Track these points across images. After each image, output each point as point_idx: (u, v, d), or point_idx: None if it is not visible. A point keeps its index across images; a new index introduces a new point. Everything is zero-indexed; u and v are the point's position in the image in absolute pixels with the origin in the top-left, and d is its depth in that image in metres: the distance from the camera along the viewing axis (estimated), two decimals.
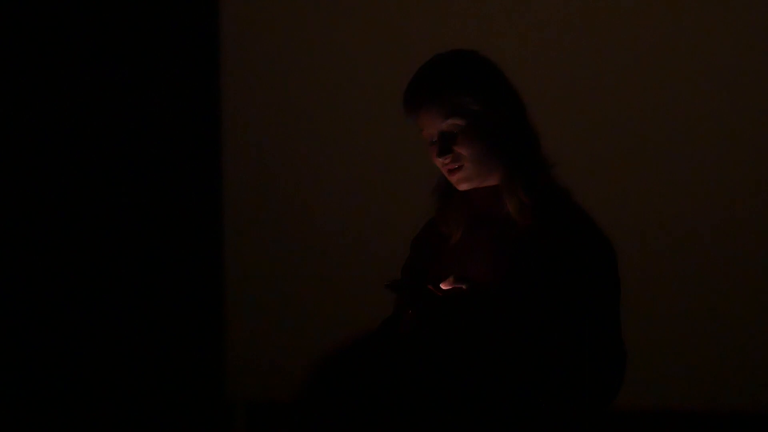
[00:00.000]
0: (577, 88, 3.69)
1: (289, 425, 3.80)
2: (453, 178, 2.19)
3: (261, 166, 3.93)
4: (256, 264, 3.93)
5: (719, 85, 3.62)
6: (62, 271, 3.87)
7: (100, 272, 3.89)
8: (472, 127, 2.15)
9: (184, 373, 3.92)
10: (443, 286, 2.11)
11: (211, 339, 3.93)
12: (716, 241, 3.62)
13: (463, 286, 2.10)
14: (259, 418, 3.95)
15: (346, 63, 3.87)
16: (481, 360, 2.09)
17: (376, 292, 2.27)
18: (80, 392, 3.86)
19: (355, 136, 3.86)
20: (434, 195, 2.28)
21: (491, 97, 2.16)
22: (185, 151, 3.93)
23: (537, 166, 2.18)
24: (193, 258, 3.93)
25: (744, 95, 3.61)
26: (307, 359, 3.72)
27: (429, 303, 2.10)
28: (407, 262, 2.34)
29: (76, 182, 3.88)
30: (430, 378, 2.13)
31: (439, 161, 2.18)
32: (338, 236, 3.85)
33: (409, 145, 2.59)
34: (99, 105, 3.88)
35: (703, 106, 3.63)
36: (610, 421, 2.17)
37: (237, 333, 3.94)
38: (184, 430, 3.90)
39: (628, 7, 3.66)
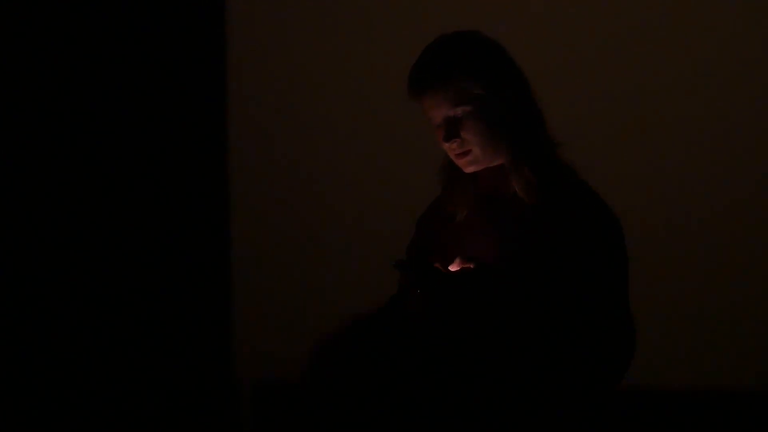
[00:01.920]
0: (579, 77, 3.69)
1: (296, 405, 3.81)
2: (460, 162, 2.19)
3: (266, 151, 3.93)
4: (262, 245, 3.94)
5: (730, 70, 3.62)
6: (76, 256, 3.89)
7: (110, 257, 3.90)
8: (477, 111, 2.14)
9: (192, 353, 3.93)
10: (451, 267, 2.10)
11: (219, 319, 3.94)
12: (721, 227, 3.62)
13: (471, 266, 2.10)
14: (266, 398, 3.95)
15: (347, 52, 3.87)
16: (490, 338, 2.09)
17: (381, 272, 2.27)
18: (88, 373, 3.87)
19: (358, 117, 3.86)
20: (440, 175, 2.28)
21: (496, 79, 2.16)
22: (193, 137, 3.94)
23: (543, 145, 2.18)
24: (201, 239, 3.93)
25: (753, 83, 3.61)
26: (314, 339, 3.72)
27: (436, 282, 2.09)
28: (412, 242, 2.33)
29: (90, 177, 3.90)
30: (439, 357, 2.13)
31: (445, 145, 2.17)
32: (343, 216, 3.85)
33: (413, 128, 2.58)
34: (107, 104, 3.90)
35: (710, 94, 3.63)
36: (620, 398, 2.17)
37: (244, 312, 3.94)
38: (191, 410, 3.92)
39: None
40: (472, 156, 2.17)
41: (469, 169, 2.20)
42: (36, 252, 3.85)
